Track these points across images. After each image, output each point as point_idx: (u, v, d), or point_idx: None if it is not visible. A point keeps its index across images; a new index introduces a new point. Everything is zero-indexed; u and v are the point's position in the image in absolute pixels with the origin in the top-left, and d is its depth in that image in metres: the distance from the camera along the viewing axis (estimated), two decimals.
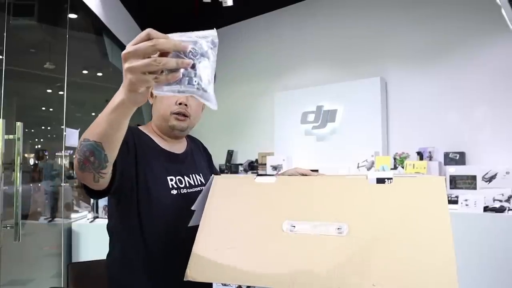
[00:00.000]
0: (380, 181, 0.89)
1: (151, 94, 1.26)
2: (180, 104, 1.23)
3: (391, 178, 0.89)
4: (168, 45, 0.65)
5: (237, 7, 3.98)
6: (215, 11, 4.33)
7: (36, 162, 3.63)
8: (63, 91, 3.23)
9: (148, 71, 0.64)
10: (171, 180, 1.22)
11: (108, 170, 0.89)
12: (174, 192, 1.20)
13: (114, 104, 0.74)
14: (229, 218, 0.94)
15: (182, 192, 1.22)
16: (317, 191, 0.93)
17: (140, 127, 1.29)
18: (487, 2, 3.46)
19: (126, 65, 0.65)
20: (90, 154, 0.81)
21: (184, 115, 1.25)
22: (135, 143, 1.17)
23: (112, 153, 0.84)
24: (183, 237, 1.09)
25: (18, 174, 2.11)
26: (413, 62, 4.10)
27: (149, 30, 0.65)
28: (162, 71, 0.65)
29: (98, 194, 1.01)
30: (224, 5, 3.81)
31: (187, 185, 1.25)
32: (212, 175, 1.09)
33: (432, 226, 0.79)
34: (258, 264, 0.83)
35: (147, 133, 1.27)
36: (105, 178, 0.90)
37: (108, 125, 0.77)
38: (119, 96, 0.72)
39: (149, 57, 0.64)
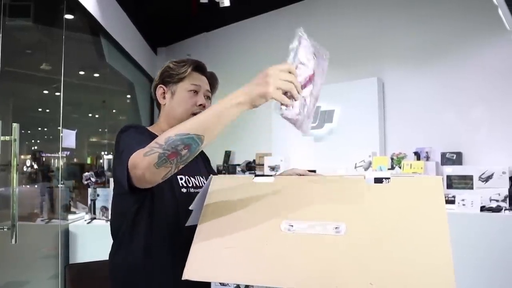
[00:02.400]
0: (378, 181, 0.89)
1: (164, 96, 1.33)
2: (200, 105, 1.30)
3: (388, 178, 0.89)
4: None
5: (234, 8, 3.98)
6: (212, 12, 4.33)
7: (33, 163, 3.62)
8: (60, 92, 3.22)
9: (283, 89, 0.86)
10: (181, 179, 1.25)
11: (182, 166, 0.94)
12: (184, 190, 1.24)
13: (237, 101, 0.87)
14: (227, 217, 0.94)
15: (190, 191, 1.25)
16: (315, 191, 0.93)
17: (149, 129, 1.32)
18: (484, 2, 3.48)
19: (269, 79, 0.86)
20: (185, 147, 0.88)
21: None
22: None
23: (202, 148, 0.91)
24: (187, 236, 1.09)
25: (14, 175, 2.11)
26: (410, 63, 4.11)
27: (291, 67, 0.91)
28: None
29: (135, 190, 1.04)
30: (221, 5, 3.81)
31: (194, 185, 1.28)
32: (211, 175, 1.09)
33: (429, 226, 0.79)
34: (256, 263, 0.83)
35: (157, 134, 1.28)
36: (173, 173, 0.94)
37: (221, 118, 0.88)
38: (242, 96, 0.87)
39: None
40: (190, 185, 1.27)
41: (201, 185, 1.31)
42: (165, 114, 1.34)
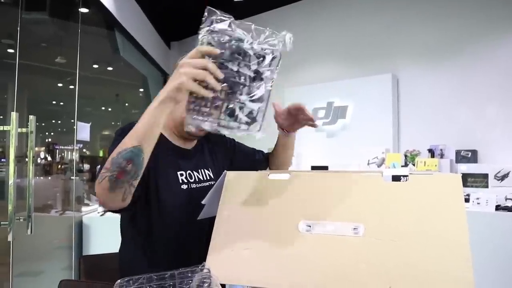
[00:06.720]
0: (396, 178, 0.88)
1: None
2: None
3: (407, 176, 0.87)
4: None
5: (247, 2, 3.97)
6: (226, 6, 4.32)
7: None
8: (75, 85, 3.25)
9: (197, 79, 0.79)
10: (181, 175, 1.22)
11: (138, 181, 0.90)
12: (184, 187, 1.21)
13: (158, 101, 0.83)
14: (244, 217, 0.94)
15: (192, 186, 1.23)
16: (332, 189, 0.92)
17: None
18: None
19: (181, 70, 0.80)
20: (128, 162, 0.85)
21: None
22: None
23: (148, 155, 0.87)
24: (192, 231, 1.09)
25: (30, 167, 2.13)
26: (425, 59, 4.05)
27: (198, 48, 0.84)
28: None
29: (118, 211, 1.01)
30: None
31: (197, 180, 1.25)
32: (225, 170, 1.08)
33: (448, 226, 0.78)
34: (275, 266, 0.83)
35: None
36: (132, 192, 0.91)
37: (150, 122, 0.85)
38: (161, 95, 0.83)
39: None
40: (192, 180, 1.23)
41: (206, 178, 1.28)
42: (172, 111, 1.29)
